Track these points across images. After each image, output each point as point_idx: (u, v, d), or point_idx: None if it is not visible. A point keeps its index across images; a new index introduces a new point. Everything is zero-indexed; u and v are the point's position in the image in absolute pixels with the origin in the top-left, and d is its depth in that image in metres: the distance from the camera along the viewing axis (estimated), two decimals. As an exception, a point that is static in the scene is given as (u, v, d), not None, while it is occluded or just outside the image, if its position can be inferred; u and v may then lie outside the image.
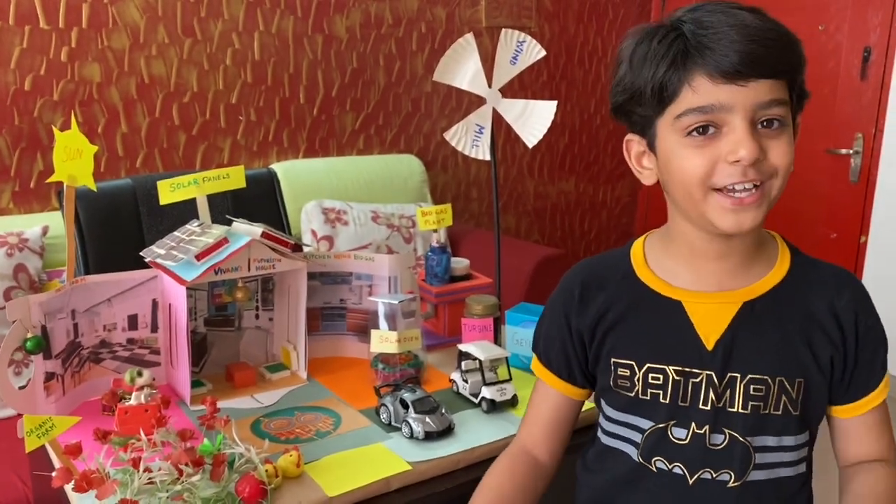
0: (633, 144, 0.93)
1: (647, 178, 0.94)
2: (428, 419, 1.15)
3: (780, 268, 0.93)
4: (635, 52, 0.86)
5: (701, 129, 0.84)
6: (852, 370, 0.91)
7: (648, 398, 0.92)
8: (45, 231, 2.20)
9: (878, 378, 0.93)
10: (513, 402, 1.25)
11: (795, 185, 0.91)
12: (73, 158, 1.18)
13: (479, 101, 1.42)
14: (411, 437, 1.15)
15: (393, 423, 1.18)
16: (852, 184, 3.08)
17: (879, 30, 2.94)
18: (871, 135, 3.00)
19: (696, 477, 0.90)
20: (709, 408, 0.90)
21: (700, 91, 0.82)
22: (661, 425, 0.92)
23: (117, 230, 1.74)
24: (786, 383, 0.89)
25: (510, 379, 1.27)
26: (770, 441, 0.90)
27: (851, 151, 3.04)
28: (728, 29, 0.81)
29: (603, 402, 0.99)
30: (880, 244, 3.04)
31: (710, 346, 0.90)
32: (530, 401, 1.06)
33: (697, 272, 0.92)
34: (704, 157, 0.83)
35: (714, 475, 0.90)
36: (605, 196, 3.87)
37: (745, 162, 0.81)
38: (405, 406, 1.17)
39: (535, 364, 1.05)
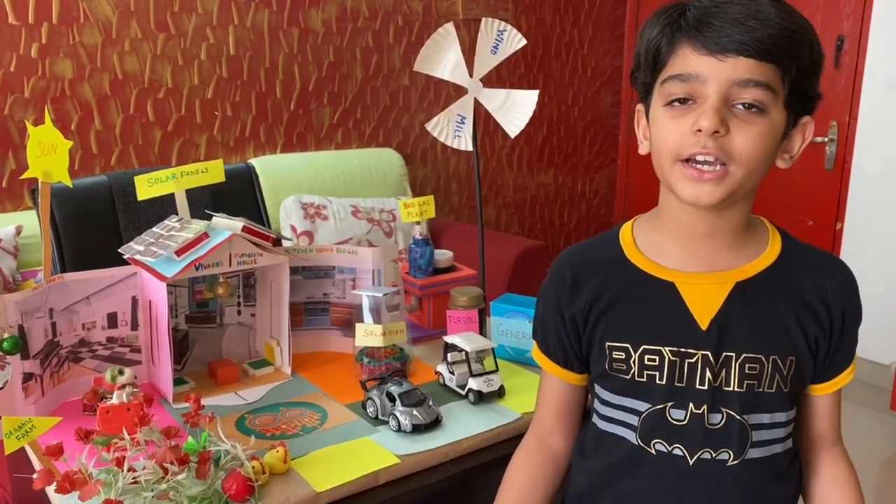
0: (639, 114, 0.95)
1: (643, 148, 0.95)
2: (415, 412, 1.14)
3: (771, 250, 0.94)
4: (647, 22, 0.89)
5: (681, 101, 0.86)
6: (834, 351, 0.94)
7: (645, 380, 0.93)
8: (18, 231, 2.17)
9: (852, 357, 0.96)
10: (500, 393, 1.24)
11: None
12: (48, 154, 1.16)
13: (457, 94, 1.41)
14: (399, 430, 1.14)
15: (380, 417, 1.17)
16: (828, 171, 3.11)
17: (852, 18, 2.97)
18: (845, 123, 3.03)
19: (696, 457, 0.91)
20: (706, 387, 0.90)
21: (683, 60, 0.85)
22: (658, 407, 0.92)
23: (93, 227, 1.71)
24: (779, 362, 0.90)
25: (497, 370, 1.26)
26: (764, 418, 0.92)
27: (826, 139, 3.07)
28: (728, 6, 0.83)
29: (598, 387, 0.99)
30: (855, 231, 3.08)
31: (704, 326, 0.90)
32: (539, 389, 1.07)
33: (688, 252, 0.93)
34: (678, 128, 0.85)
35: (714, 454, 0.90)
36: (583, 187, 3.88)
37: (704, 132, 0.82)
38: (392, 399, 1.16)
39: (536, 352, 1.06)
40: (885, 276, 2.98)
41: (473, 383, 1.23)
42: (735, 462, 0.90)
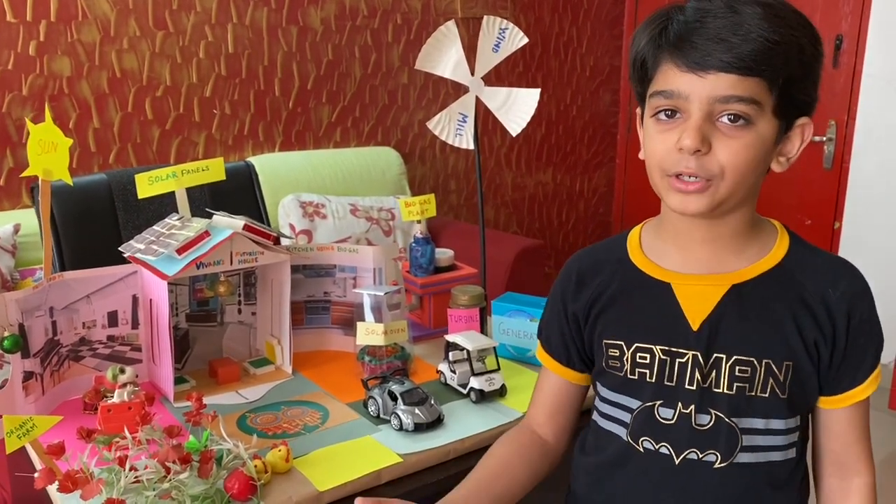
0: (638, 118, 0.95)
1: (642, 153, 0.95)
2: (417, 411, 1.14)
3: (774, 254, 0.93)
4: (636, 31, 0.90)
5: (669, 113, 0.86)
6: (840, 362, 0.91)
7: (636, 378, 0.93)
8: (16, 229, 2.16)
9: (866, 373, 0.92)
10: (501, 392, 1.24)
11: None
12: (48, 152, 1.15)
13: (455, 93, 1.41)
14: (400, 429, 1.14)
15: (382, 416, 1.17)
16: (826, 171, 3.12)
17: (851, 17, 2.97)
18: (843, 122, 3.04)
19: (682, 457, 0.91)
20: (694, 388, 0.90)
21: (665, 76, 0.85)
22: (648, 405, 0.93)
23: (92, 226, 1.71)
24: (773, 366, 0.89)
25: (498, 368, 1.26)
26: (757, 423, 0.90)
27: (825, 139, 3.08)
28: (710, 19, 0.82)
29: (598, 385, 1.01)
30: (854, 230, 3.09)
31: (695, 326, 0.91)
32: (536, 384, 1.08)
33: (686, 255, 0.93)
34: (664, 143, 0.86)
35: (700, 455, 0.90)
36: (582, 186, 3.88)
37: (686, 151, 0.83)
38: (394, 398, 1.16)
39: (539, 350, 1.07)
40: (884, 276, 2.98)
41: (475, 382, 1.23)
42: (722, 465, 0.90)
